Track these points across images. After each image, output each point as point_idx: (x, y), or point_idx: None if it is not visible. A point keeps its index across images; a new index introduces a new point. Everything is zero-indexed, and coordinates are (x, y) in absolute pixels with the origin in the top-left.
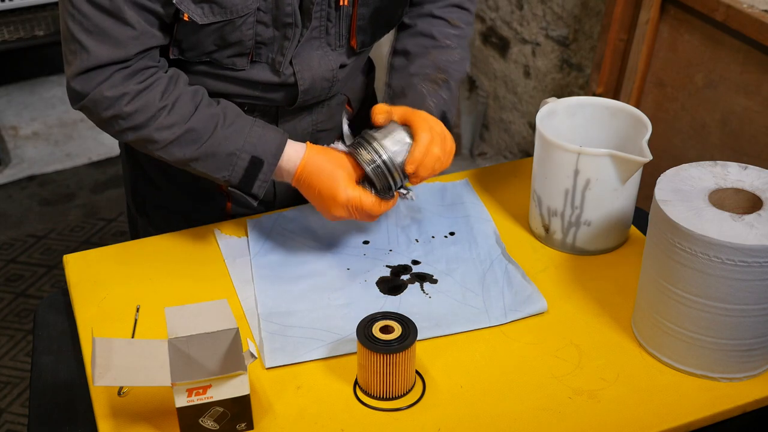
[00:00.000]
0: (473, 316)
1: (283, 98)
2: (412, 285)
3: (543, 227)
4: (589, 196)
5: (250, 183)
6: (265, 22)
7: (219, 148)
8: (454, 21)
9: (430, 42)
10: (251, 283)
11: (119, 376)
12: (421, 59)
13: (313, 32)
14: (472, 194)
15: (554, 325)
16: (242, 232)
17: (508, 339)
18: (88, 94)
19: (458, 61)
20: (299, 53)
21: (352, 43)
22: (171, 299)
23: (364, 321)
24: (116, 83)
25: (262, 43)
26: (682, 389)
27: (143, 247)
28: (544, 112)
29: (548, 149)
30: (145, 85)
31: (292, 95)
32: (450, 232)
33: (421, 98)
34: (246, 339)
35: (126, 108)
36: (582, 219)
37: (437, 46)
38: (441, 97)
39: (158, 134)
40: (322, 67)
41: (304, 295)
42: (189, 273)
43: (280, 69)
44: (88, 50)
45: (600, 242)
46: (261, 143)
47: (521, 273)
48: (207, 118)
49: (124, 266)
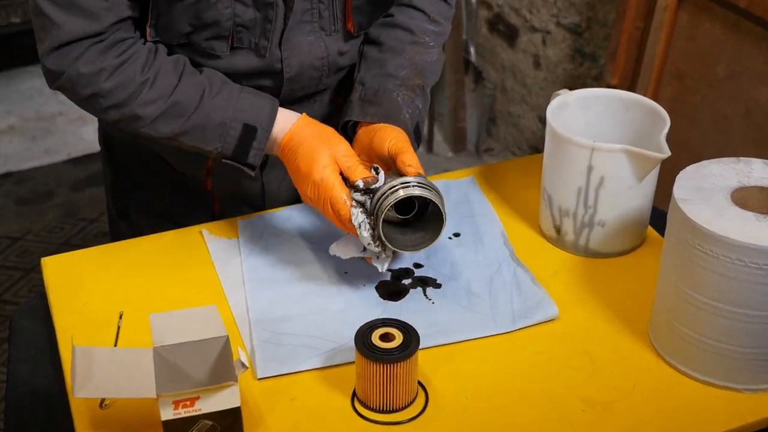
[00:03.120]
0: (479, 323)
1: (268, 89)
2: (414, 290)
3: (554, 228)
4: (603, 194)
5: (245, 153)
6: (244, 1)
7: (208, 119)
8: (434, 16)
9: (408, 36)
10: (242, 288)
11: (101, 387)
12: (398, 57)
13: (304, 15)
14: (478, 193)
15: (566, 333)
16: (232, 234)
17: (516, 347)
18: (63, 72)
19: (434, 62)
20: (289, 38)
21: (348, 26)
22: (156, 305)
23: (362, 328)
24: (92, 59)
25: (242, 25)
26: (702, 401)
27: (127, 250)
28: (554, 105)
29: (559, 144)
30: (123, 59)
31: (278, 85)
32: (454, 234)
33: (397, 110)
34: (236, 347)
35: (105, 85)
36: (596, 219)
37: (414, 42)
38: (416, 106)
39: (142, 110)
40: (312, 53)
41: (298, 300)
42: (176, 277)
43: (265, 54)
44: (59, 24)
45: (615, 244)
46: (252, 110)
47: (531, 277)
48: (192, 88)
49: (106, 270)
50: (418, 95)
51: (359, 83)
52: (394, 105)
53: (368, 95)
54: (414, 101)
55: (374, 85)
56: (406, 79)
